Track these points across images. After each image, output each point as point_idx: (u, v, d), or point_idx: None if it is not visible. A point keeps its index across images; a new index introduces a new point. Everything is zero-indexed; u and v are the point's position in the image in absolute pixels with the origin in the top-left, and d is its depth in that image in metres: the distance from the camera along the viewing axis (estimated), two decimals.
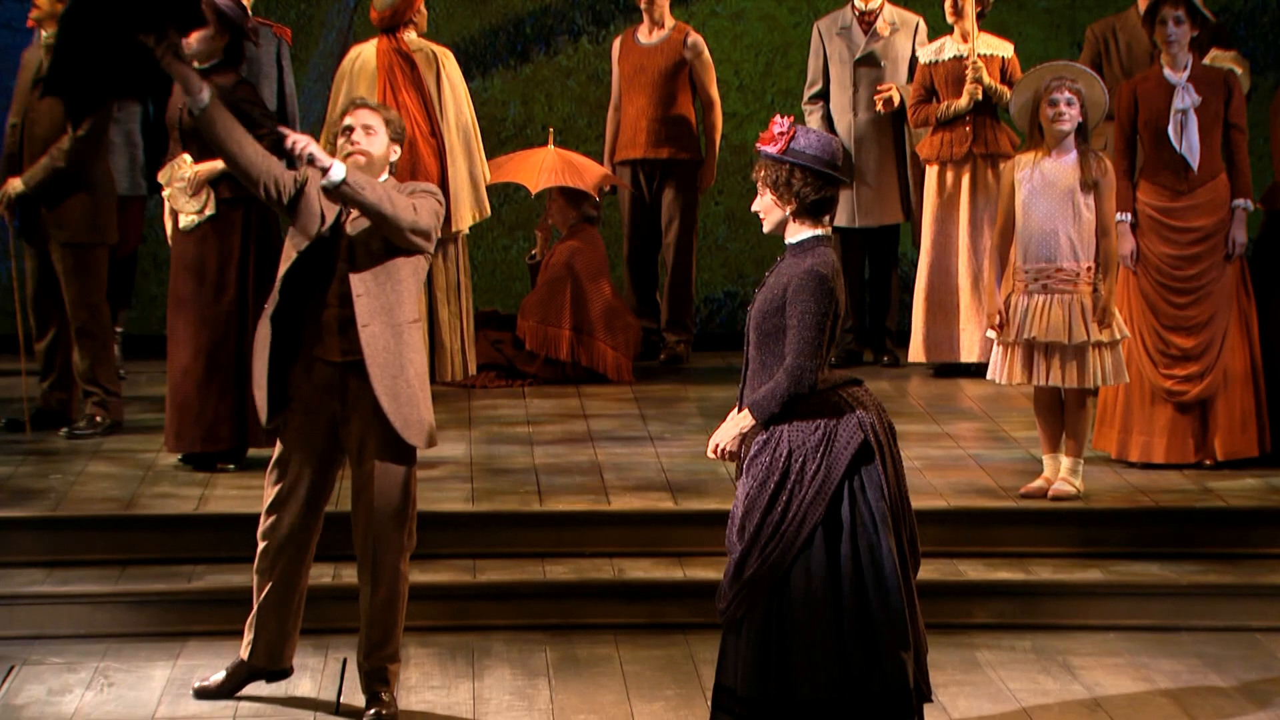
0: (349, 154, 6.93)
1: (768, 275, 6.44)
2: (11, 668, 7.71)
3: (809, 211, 6.39)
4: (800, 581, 6.30)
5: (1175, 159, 9.29)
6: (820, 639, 6.30)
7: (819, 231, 6.41)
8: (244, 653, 7.27)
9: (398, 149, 7.08)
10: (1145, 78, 9.40)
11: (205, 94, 6.85)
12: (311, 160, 6.76)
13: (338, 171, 6.76)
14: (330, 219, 6.98)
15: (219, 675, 7.33)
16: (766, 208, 6.44)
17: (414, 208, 6.87)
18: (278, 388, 7.04)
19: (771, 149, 6.40)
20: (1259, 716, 7.29)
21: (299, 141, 6.80)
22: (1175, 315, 9.40)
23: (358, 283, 6.94)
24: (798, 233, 6.41)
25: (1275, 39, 12.58)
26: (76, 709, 7.26)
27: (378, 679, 7.14)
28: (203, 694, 7.30)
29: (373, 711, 7.07)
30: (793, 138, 6.39)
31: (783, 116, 6.48)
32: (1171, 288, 9.39)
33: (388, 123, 7.04)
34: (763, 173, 6.43)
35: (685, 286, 11.84)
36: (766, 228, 6.49)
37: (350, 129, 6.94)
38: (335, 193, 6.79)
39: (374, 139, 7.00)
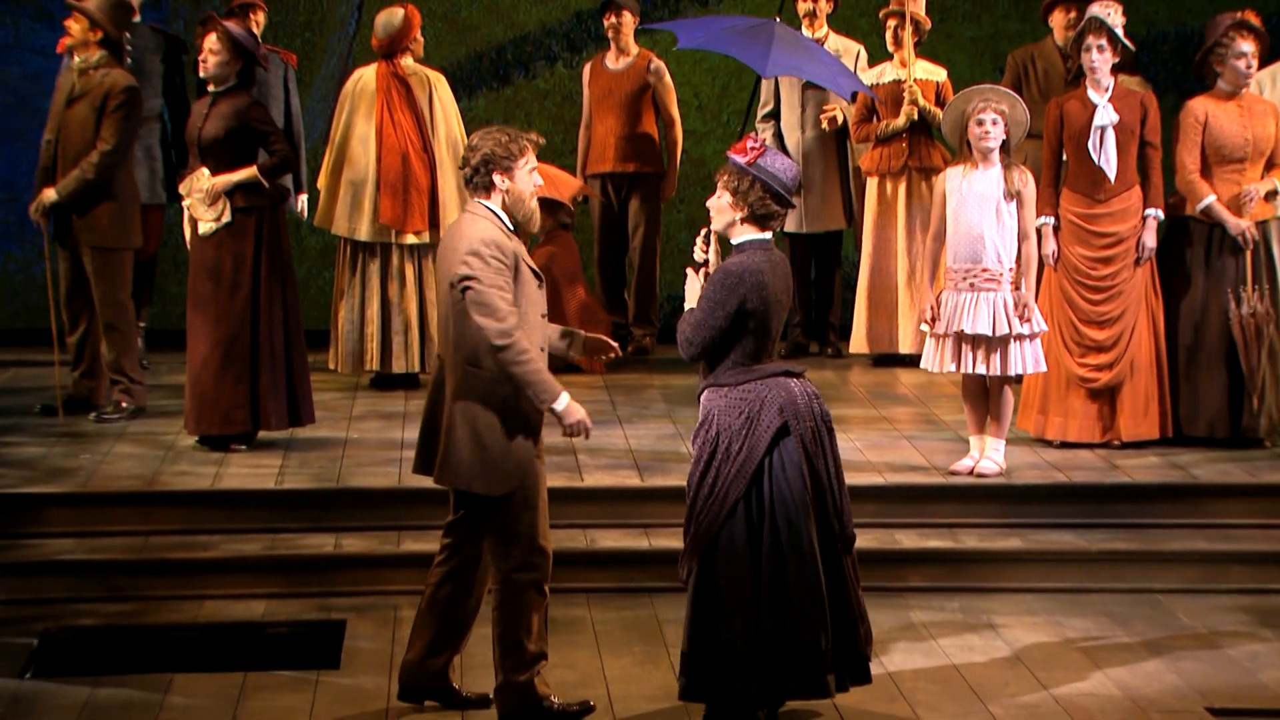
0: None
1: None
2: (46, 629, 7.75)
3: (756, 220, 6.51)
4: (725, 548, 6.44)
5: (1094, 170, 9.32)
6: (740, 601, 6.41)
7: (760, 235, 6.52)
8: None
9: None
10: (1071, 97, 9.43)
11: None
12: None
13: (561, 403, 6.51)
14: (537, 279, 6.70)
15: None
16: (720, 208, 6.57)
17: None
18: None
19: (741, 159, 6.51)
20: (1158, 664, 7.35)
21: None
22: (1089, 310, 9.45)
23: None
24: (740, 235, 6.53)
25: (1174, 65, 12.63)
26: (91, 697, 7.22)
27: None
28: None
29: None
30: (762, 155, 6.51)
31: (757, 135, 6.62)
32: (1087, 285, 9.44)
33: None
34: (726, 176, 6.54)
35: (650, 286, 11.88)
36: (716, 225, 6.62)
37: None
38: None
39: None
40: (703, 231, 6.83)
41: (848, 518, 6.57)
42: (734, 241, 6.56)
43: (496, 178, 6.59)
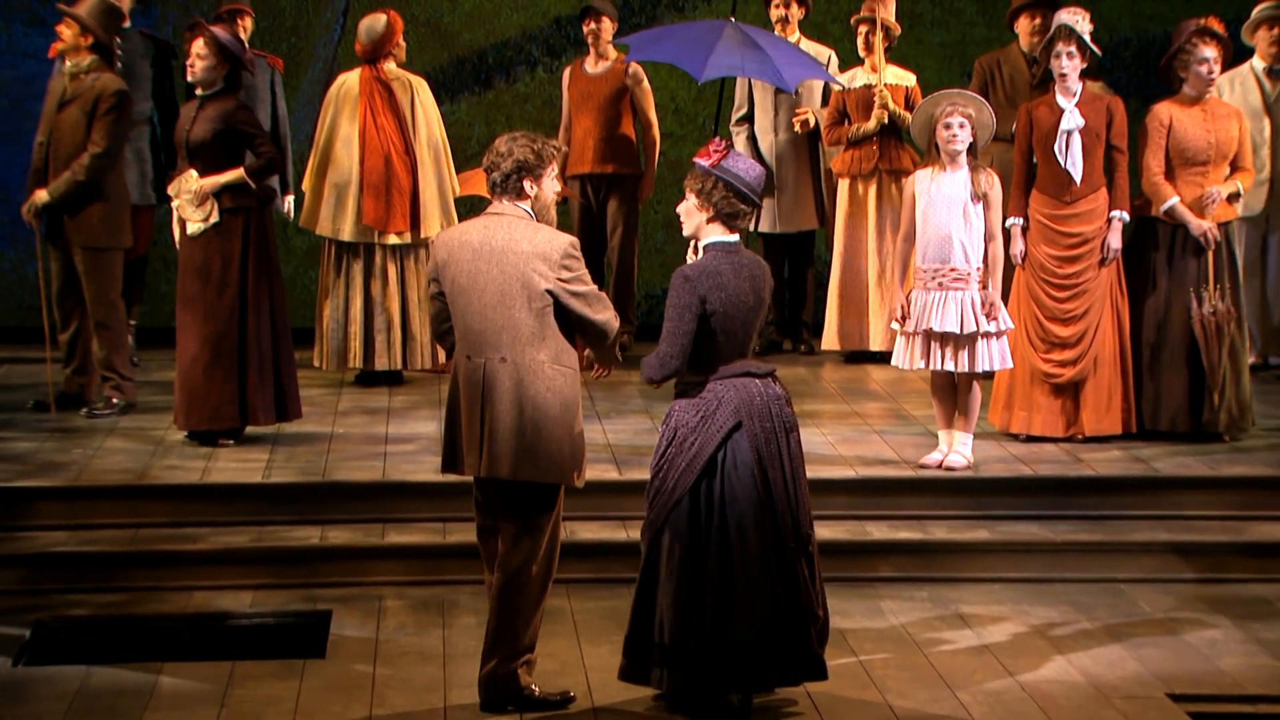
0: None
1: None
2: (39, 618, 7.75)
3: (722, 219, 6.53)
4: (668, 539, 6.51)
5: (1062, 173, 9.34)
6: (674, 592, 6.47)
7: (727, 238, 6.54)
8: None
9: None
10: (1040, 103, 9.46)
11: None
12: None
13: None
14: None
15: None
16: (688, 211, 6.60)
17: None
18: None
19: (705, 162, 6.54)
20: (1120, 652, 7.38)
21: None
22: (1054, 307, 9.47)
23: None
24: (707, 235, 6.56)
25: (1137, 70, 12.68)
26: (83, 684, 7.22)
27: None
28: None
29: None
30: (725, 157, 6.54)
31: (721, 139, 6.64)
32: (1053, 283, 9.46)
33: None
34: (691, 180, 6.57)
35: (628, 284, 11.89)
36: (685, 230, 6.64)
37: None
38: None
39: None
40: (692, 243, 6.87)
41: (803, 518, 6.55)
42: (701, 243, 6.58)
43: (527, 184, 6.60)
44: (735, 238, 6.57)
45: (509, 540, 6.62)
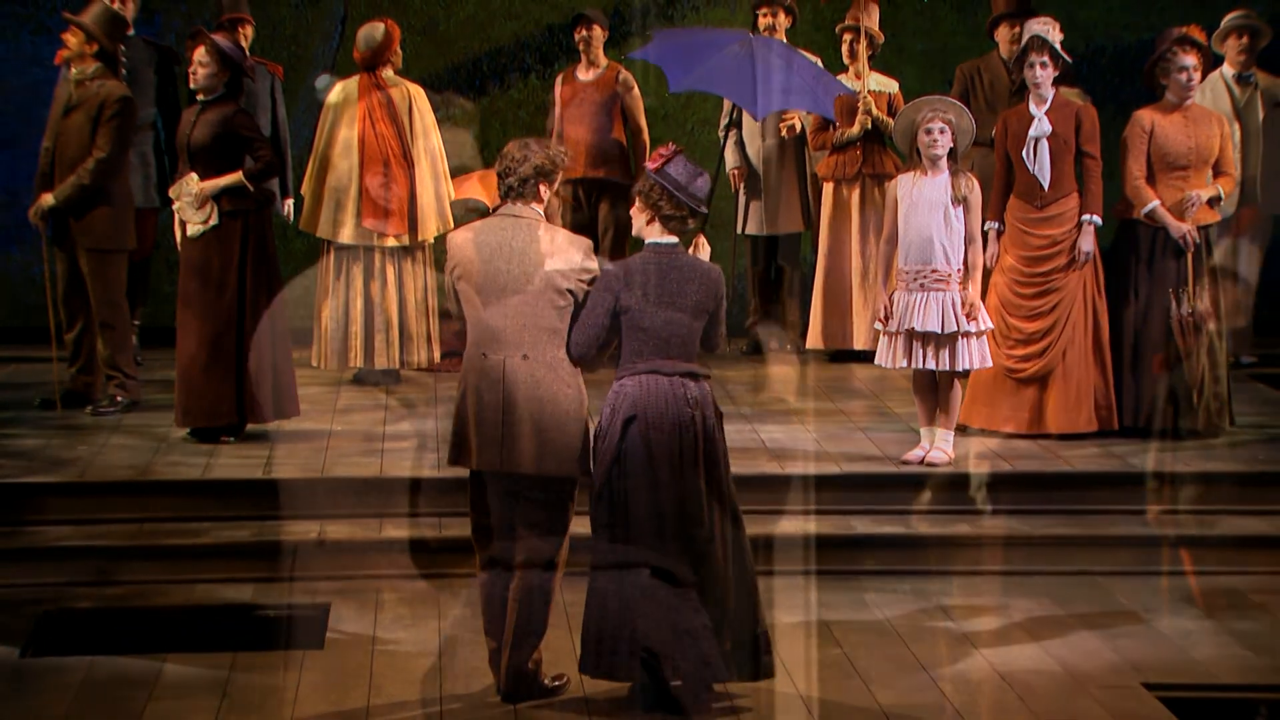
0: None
1: None
2: (45, 610, 7.75)
3: (662, 222, 6.58)
4: (597, 532, 6.56)
5: (1033, 178, 9.39)
6: (596, 584, 6.55)
7: (663, 239, 6.57)
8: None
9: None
10: (1015, 110, 9.50)
11: None
12: None
13: None
14: None
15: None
16: (634, 212, 6.67)
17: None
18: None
19: (650, 166, 6.60)
20: (1097, 642, 7.40)
21: None
22: (1021, 304, 9.48)
23: None
24: (647, 236, 6.62)
25: (1112, 77, 12.71)
26: (88, 674, 7.24)
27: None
28: None
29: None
30: (668, 162, 6.60)
31: (672, 145, 6.68)
32: (1021, 280, 9.47)
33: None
34: (638, 183, 6.64)
35: None
36: (633, 229, 6.70)
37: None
38: None
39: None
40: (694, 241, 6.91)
41: (703, 516, 6.48)
42: (646, 242, 6.65)
43: (542, 188, 6.65)
44: (673, 240, 6.60)
45: (536, 533, 6.63)
